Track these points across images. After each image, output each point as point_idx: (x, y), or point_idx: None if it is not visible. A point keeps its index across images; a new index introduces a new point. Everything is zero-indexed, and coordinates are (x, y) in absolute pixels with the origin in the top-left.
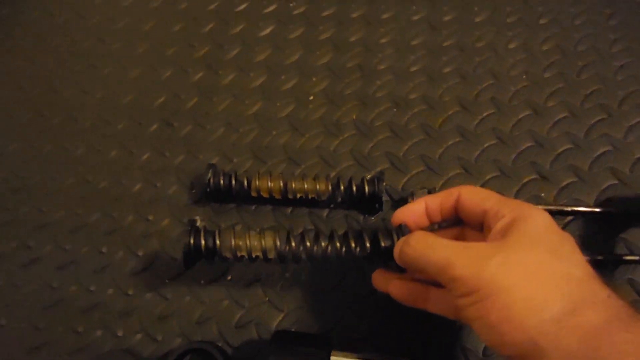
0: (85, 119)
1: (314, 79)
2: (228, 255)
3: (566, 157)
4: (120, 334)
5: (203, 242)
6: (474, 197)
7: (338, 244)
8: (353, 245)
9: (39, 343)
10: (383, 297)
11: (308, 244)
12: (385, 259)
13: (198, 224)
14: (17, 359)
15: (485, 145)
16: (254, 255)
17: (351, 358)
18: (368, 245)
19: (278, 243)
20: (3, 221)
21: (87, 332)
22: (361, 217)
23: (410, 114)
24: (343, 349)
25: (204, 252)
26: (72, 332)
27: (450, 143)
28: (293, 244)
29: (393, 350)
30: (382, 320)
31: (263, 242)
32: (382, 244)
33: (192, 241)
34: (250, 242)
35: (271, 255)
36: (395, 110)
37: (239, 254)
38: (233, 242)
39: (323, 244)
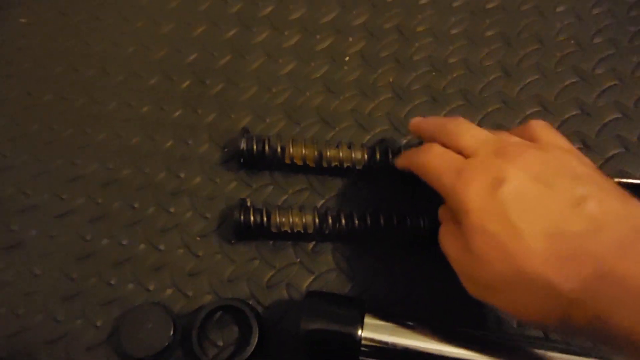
0: (118, 73)
1: (350, 40)
2: (274, 230)
3: (614, 127)
4: (151, 288)
5: (252, 218)
6: (419, 174)
7: (370, 223)
8: (383, 224)
9: (72, 293)
10: (415, 263)
11: (343, 221)
12: (413, 239)
13: (248, 203)
14: (52, 306)
15: (528, 112)
16: (295, 231)
17: (385, 321)
18: (396, 224)
19: (317, 220)
20: (37, 172)
21: (119, 284)
22: (396, 186)
23: (450, 78)
24: (375, 312)
25: (253, 228)
26: (104, 284)
27: (490, 110)
28: (330, 221)
29: (425, 316)
30: (413, 286)
31: (304, 219)
32: (410, 226)
33: (242, 218)
34: (292, 219)
35: (310, 230)
36: (433, 74)
37: (282, 229)
38: (278, 219)
39: (357, 223)
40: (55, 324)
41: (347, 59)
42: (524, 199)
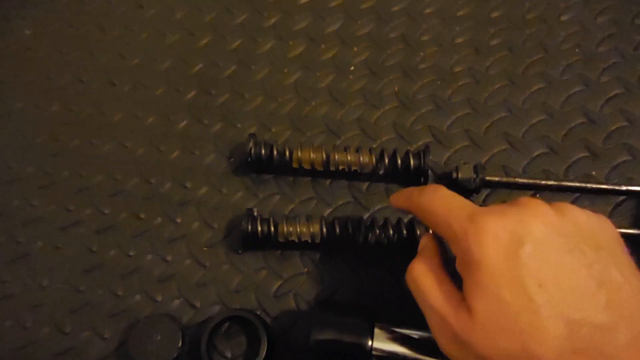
0: (123, 84)
1: (355, 49)
2: (281, 240)
3: (620, 135)
4: (159, 299)
5: (259, 228)
6: (423, 218)
7: (378, 232)
8: (391, 233)
9: (80, 305)
10: None
11: (350, 230)
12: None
13: (255, 213)
14: (59, 318)
15: (534, 120)
16: (302, 240)
17: (394, 331)
18: (405, 234)
19: (324, 230)
20: (43, 184)
21: (127, 296)
22: None
23: (455, 87)
24: (385, 323)
25: (260, 238)
26: (112, 295)
27: (496, 118)
28: (337, 231)
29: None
30: None
31: (311, 229)
32: (419, 235)
33: (249, 228)
34: (299, 229)
35: (317, 240)
36: (439, 82)
37: (290, 239)
38: (285, 229)
39: (364, 231)
40: (62, 336)
41: (352, 68)
42: (546, 265)
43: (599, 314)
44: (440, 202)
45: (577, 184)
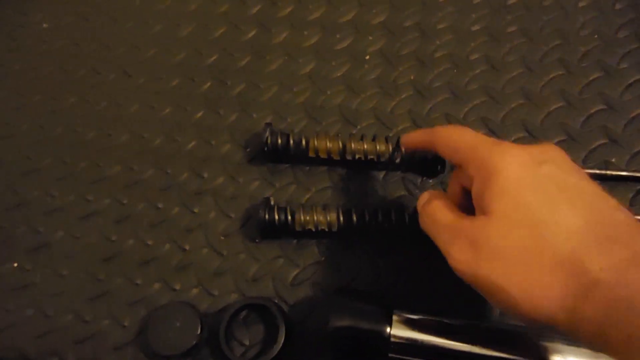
0: (139, 75)
1: (370, 38)
2: (298, 229)
3: None
4: (177, 287)
5: (277, 217)
6: (445, 148)
7: (394, 220)
8: (408, 221)
9: (99, 293)
10: (440, 260)
11: (367, 218)
12: None
13: (272, 202)
14: (79, 307)
15: (552, 108)
16: (319, 229)
17: (412, 317)
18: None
19: (341, 218)
20: (62, 174)
21: (145, 284)
22: (419, 180)
23: (471, 75)
24: (403, 309)
25: (277, 226)
26: (130, 284)
27: (513, 105)
28: (354, 219)
29: (449, 313)
30: (438, 283)
31: (328, 217)
32: None
33: (266, 217)
34: (316, 217)
35: (334, 228)
36: (455, 71)
37: (306, 228)
38: (302, 218)
39: (381, 219)
40: (82, 324)
41: (367, 57)
42: (568, 177)
43: (622, 216)
44: (469, 135)
45: (597, 171)
